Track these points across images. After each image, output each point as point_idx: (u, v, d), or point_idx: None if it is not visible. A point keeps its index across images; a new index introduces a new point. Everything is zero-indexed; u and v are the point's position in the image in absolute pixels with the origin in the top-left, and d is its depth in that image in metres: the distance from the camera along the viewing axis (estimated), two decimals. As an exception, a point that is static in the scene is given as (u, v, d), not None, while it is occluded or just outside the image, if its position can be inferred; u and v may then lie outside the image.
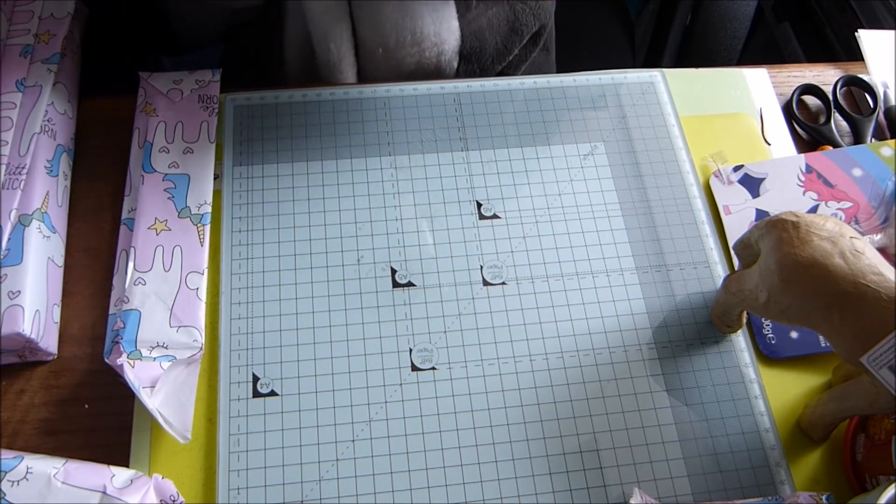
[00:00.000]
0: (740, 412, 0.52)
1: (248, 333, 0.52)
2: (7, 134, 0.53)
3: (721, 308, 0.53)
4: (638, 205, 0.60)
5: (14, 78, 0.55)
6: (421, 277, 0.55)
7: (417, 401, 0.51)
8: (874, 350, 0.41)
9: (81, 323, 0.53)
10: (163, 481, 0.45)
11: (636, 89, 0.66)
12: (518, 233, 0.58)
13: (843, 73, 0.69)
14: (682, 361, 0.53)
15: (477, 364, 0.52)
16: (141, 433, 0.49)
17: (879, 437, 0.48)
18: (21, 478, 0.42)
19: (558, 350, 0.53)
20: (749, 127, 0.65)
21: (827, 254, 0.43)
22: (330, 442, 0.49)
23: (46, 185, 0.53)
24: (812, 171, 0.61)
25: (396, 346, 0.53)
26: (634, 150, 0.62)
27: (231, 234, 0.56)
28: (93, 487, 0.42)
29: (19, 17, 0.58)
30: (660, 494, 0.49)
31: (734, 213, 0.59)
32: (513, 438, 0.50)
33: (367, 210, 0.58)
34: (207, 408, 0.50)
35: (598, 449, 0.50)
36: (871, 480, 0.48)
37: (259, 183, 0.58)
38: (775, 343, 0.54)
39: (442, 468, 0.49)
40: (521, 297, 0.55)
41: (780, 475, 0.50)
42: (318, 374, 0.51)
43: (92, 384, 0.51)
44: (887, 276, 0.41)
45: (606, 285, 0.56)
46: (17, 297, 0.48)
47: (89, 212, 0.57)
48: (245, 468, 0.48)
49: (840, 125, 0.66)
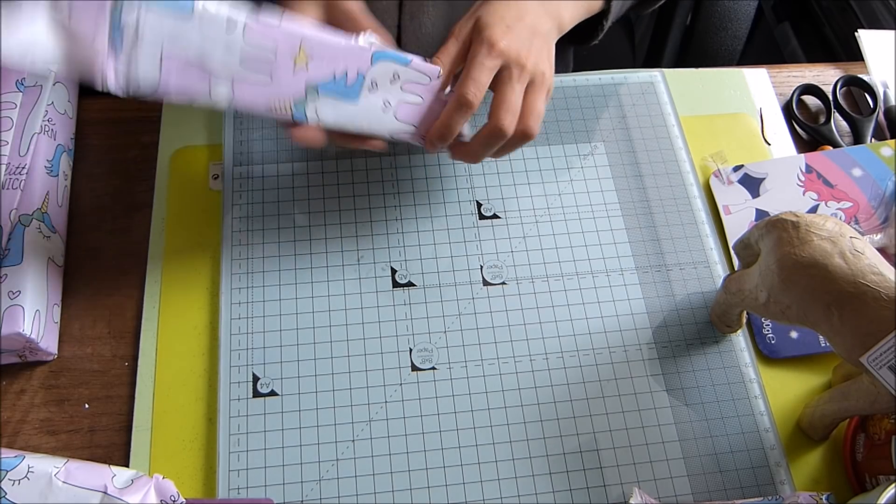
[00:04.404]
0: (740, 412, 0.52)
1: (248, 333, 0.52)
2: (7, 134, 0.53)
3: (721, 308, 0.53)
4: (638, 205, 0.60)
5: (14, 78, 0.55)
6: (421, 277, 0.55)
7: (417, 401, 0.51)
8: (874, 350, 0.41)
9: (81, 323, 0.53)
10: (163, 481, 0.45)
11: (636, 89, 0.66)
12: (518, 233, 0.58)
13: (843, 73, 0.69)
14: (682, 361, 0.53)
15: (477, 364, 0.52)
16: (141, 433, 0.49)
17: (879, 437, 0.48)
18: (22, 477, 0.42)
19: (558, 350, 0.53)
20: (749, 127, 0.65)
21: (827, 254, 0.43)
22: (330, 442, 0.49)
23: (46, 185, 0.53)
24: (812, 171, 0.61)
25: (396, 346, 0.53)
26: (634, 150, 0.62)
27: (231, 234, 0.56)
28: (94, 487, 0.42)
29: (19, 17, 0.58)
30: (660, 494, 0.49)
31: (734, 213, 0.59)
32: (513, 438, 0.50)
33: (367, 210, 0.58)
34: (207, 408, 0.50)
35: (598, 449, 0.50)
36: (871, 480, 0.48)
37: (259, 183, 0.58)
38: (775, 343, 0.54)
39: (442, 468, 0.49)
40: (521, 297, 0.55)
41: (780, 475, 0.50)
42: (318, 374, 0.51)
43: (92, 384, 0.51)
44: (887, 276, 0.41)
45: (606, 285, 0.56)
46: (17, 297, 0.48)
47: (89, 212, 0.57)
48: (245, 468, 0.48)
49: (840, 125, 0.66)
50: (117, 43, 0.39)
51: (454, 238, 0.57)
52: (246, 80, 0.44)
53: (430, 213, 0.58)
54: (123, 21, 0.39)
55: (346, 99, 0.46)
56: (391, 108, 0.48)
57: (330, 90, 0.46)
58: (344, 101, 0.46)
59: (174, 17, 0.40)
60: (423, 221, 0.58)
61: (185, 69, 0.42)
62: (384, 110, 0.48)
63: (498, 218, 0.58)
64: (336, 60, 0.45)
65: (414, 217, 0.58)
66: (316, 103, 0.46)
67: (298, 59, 0.44)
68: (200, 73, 0.42)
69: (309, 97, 0.45)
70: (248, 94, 0.44)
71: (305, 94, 0.45)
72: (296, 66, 0.44)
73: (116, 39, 0.39)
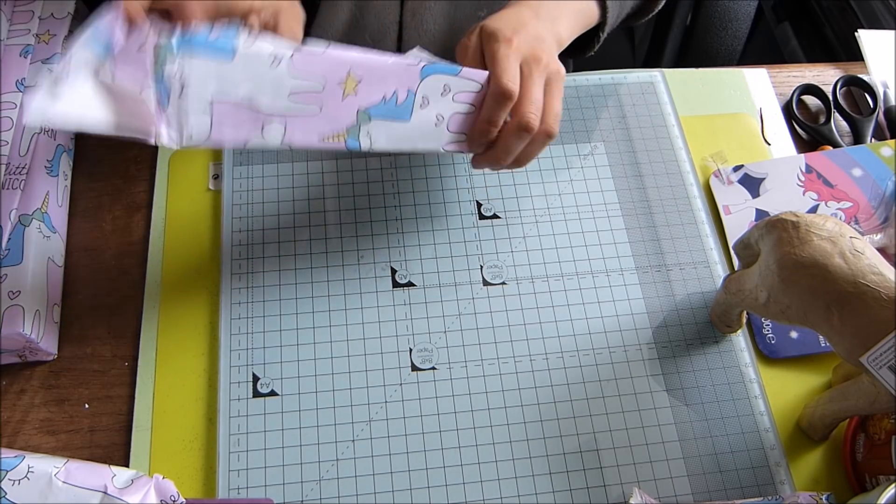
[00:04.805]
0: (740, 412, 0.52)
1: (248, 333, 0.52)
2: (7, 134, 0.53)
3: (721, 308, 0.53)
4: (638, 205, 0.60)
5: (14, 78, 0.55)
6: (421, 277, 0.55)
7: (417, 401, 0.51)
8: (874, 350, 0.41)
9: (81, 323, 0.53)
10: (163, 481, 0.45)
11: (636, 89, 0.66)
12: (518, 233, 0.58)
13: (843, 73, 0.69)
14: (682, 361, 0.53)
15: (477, 364, 0.52)
16: (141, 433, 0.49)
17: (879, 437, 0.48)
18: (22, 477, 0.42)
19: (558, 350, 0.53)
20: (749, 127, 0.65)
21: (827, 254, 0.43)
22: (330, 442, 0.49)
23: (46, 185, 0.53)
24: (812, 171, 0.61)
25: (396, 346, 0.53)
26: (634, 150, 0.62)
27: (231, 234, 0.56)
28: (94, 487, 0.42)
29: (19, 17, 0.59)
30: (660, 494, 0.49)
31: (734, 213, 0.59)
32: (513, 438, 0.50)
33: (367, 210, 0.58)
34: (207, 408, 0.50)
35: (598, 449, 0.50)
36: (871, 480, 0.48)
37: (259, 183, 0.58)
38: (775, 343, 0.54)
39: (442, 468, 0.49)
40: (521, 297, 0.55)
41: (780, 475, 0.50)
42: (318, 374, 0.51)
43: (92, 384, 0.51)
44: (887, 276, 0.41)
45: (606, 285, 0.56)
46: (17, 297, 0.48)
47: (89, 212, 0.57)
48: (245, 468, 0.48)
49: (840, 125, 0.66)
50: (163, 95, 0.39)
51: (454, 238, 0.57)
52: (296, 114, 0.43)
53: (430, 213, 0.58)
54: (167, 73, 0.39)
55: (398, 119, 0.46)
56: (444, 122, 0.47)
57: (381, 113, 0.45)
58: (396, 121, 0.46)
59: (217, 62, 0.40)
60: (423, 221, 0.58)
61: (234, 112, 0.41)
62: (437, 124, 0.47)
63: (498, 218, 0.58)
64: (385, 81, 0.44)
65: (414, 217, 0.58)
66: (368, 128, 0.45)
67: (347, 85, 0.43)
68: (250, 113, 0.42)
69: (361, 123, 0.45)
70: (300, 129, 0.43)
71: (357, 121, 0.44)
72: (345, 92, 0.43)
73: (162, 92, 0.39)
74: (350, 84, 0.43)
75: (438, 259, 0.56)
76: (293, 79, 0.42)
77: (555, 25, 0.51)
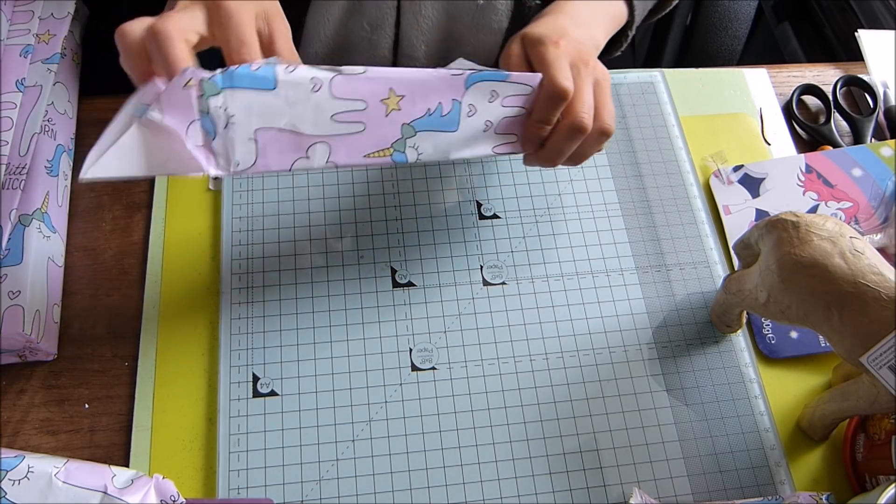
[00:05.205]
0: (740, 412, 0.52)
1: (248, 333, 0.52)
2: (7, 134, 0.53)
3: (721, 308, 0.53)
4: (638, 205, 0.60)
5: (14, 78, 0.55)
6: (421, 277, 0.55)
7: (417, 401, 0.51)
8: (874, 350, 0.41)
9: (81, 323, 0.53)
10: (163, 481, 0.45)
11: (636, 89, 0.66)
12: (518, 233, 0.58)
13: (842, 73, 0.69)
14: (682, 361, 0.53)
15: (477, 364, 0.52)
16: (141, 433, 0.49)
17: (879, 437, 0.48)
18: (22, 477, 0.42)
19: (558, 350, 0.53)
20: (749, 127, 0.65)
21: (827, 254, 0.43)
22: (330, 442, 0.49)
23: (46, 185, 0.53)
24: (812, 171, 0.61)
25: (396, 346, 0.53)
26: (634, 150, 0.62)
27: (231, 234, 0.56)
28: (94, 487, 0.42)
29: (19, 17, 0.58)
30: (660, 494, 0.49)
31: (734, 213, 0.59)
32: (513, 438, 0.50)
33: (367, 210, 0.58)
34: (207, 408, 0.50)
35: (598, 449, 0.50)
36: (871, 480, 0.48)
37: (259, 183, 0.58)
38: (775, 343, 0.54)
39: (442, 468, 0.49)
40: (521, 297, 0.55)
41: (780, 475, 0.50)
42: (318, 374, 0.51)
43: (92, 384, 0.51)
44: (887, 276, 0.41)
45: (606, 285, 0.56)
46: (17, 297, 0.48)
47: (89, 212, 0.57)
48: (245, 468, 0.48)
49: (840, 125, 0.66)
50: (209, 129, 0.40)
51: (454, 238, 0.57)
52: (340, 134, 0.43)
53: (430, 213, 0.58)
54: (212, 108, 0.39)
55: (444, 129, 0.45)
56: (493, 126, 0.47)
57: (426, 125, 0.45)
58: (443, 131, 0.45)
59: (259, 93, 0.40)
60: (423, 221, 0.58)
61: (279, 138, 0.42)
62: (485, 130, 0.47)
63: (498, 218, 0.58)
64: (428, 95, 0.44)
65: (414, 217, 0.58)
66: (414, 140, 0.45)
67: (389, 103, 0.43)
68: (294, 137, 0.42)
69: (406, 136, 0.45)
70: (344, 148, 0.43)
71: (402, 134, 0.44)
72: (388, 109, 0.44)
73: (208, 126, 0.40)
74: (392, 101, 0.44)
75: (438, 259, 0.56)
76: (335, 100, 0.42)
77: (591, 30, 0.52)
